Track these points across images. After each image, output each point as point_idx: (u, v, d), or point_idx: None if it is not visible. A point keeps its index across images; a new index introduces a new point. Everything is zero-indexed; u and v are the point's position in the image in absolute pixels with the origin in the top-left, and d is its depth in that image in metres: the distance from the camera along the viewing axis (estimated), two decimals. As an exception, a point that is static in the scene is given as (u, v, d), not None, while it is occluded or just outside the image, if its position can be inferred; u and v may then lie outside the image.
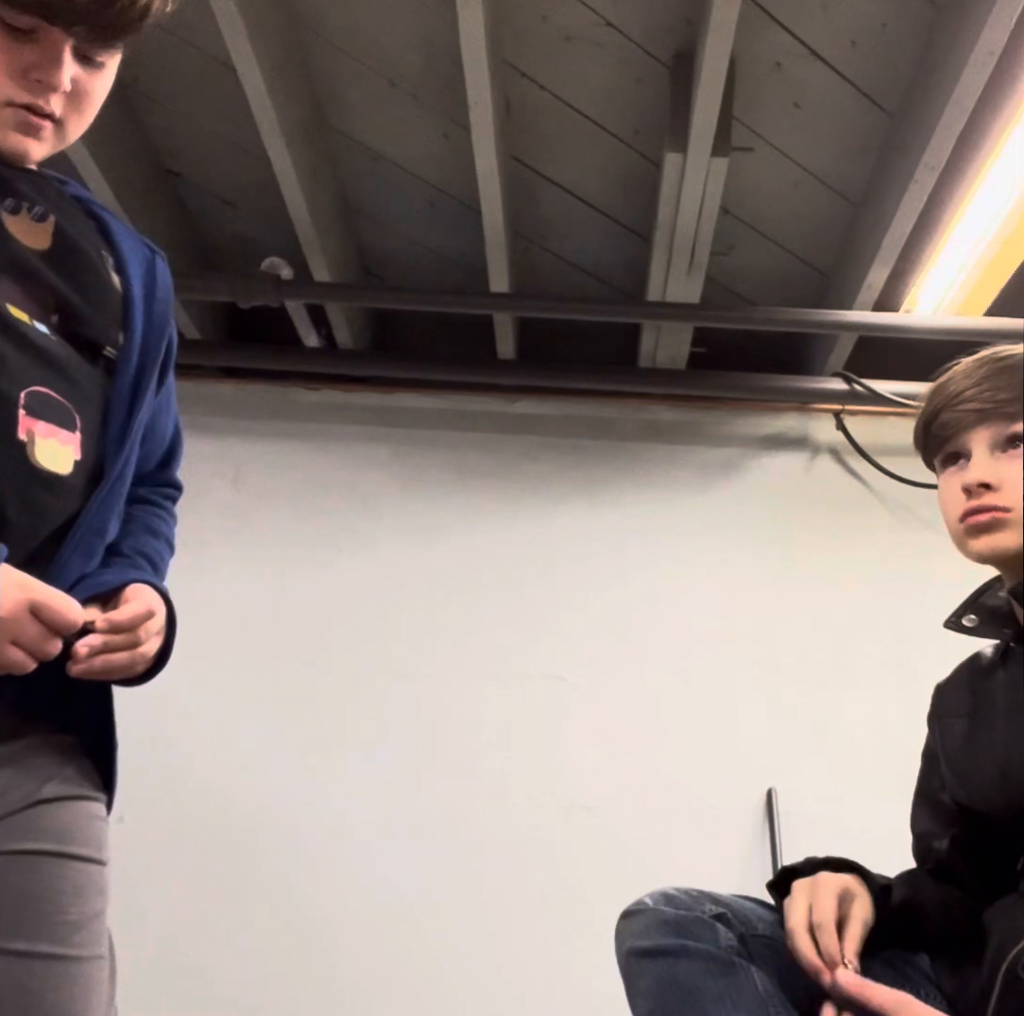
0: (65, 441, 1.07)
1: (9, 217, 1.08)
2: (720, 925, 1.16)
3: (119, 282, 1.18)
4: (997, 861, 1.19)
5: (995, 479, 1.18)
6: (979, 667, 1.29)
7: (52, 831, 1.06)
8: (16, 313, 1.05)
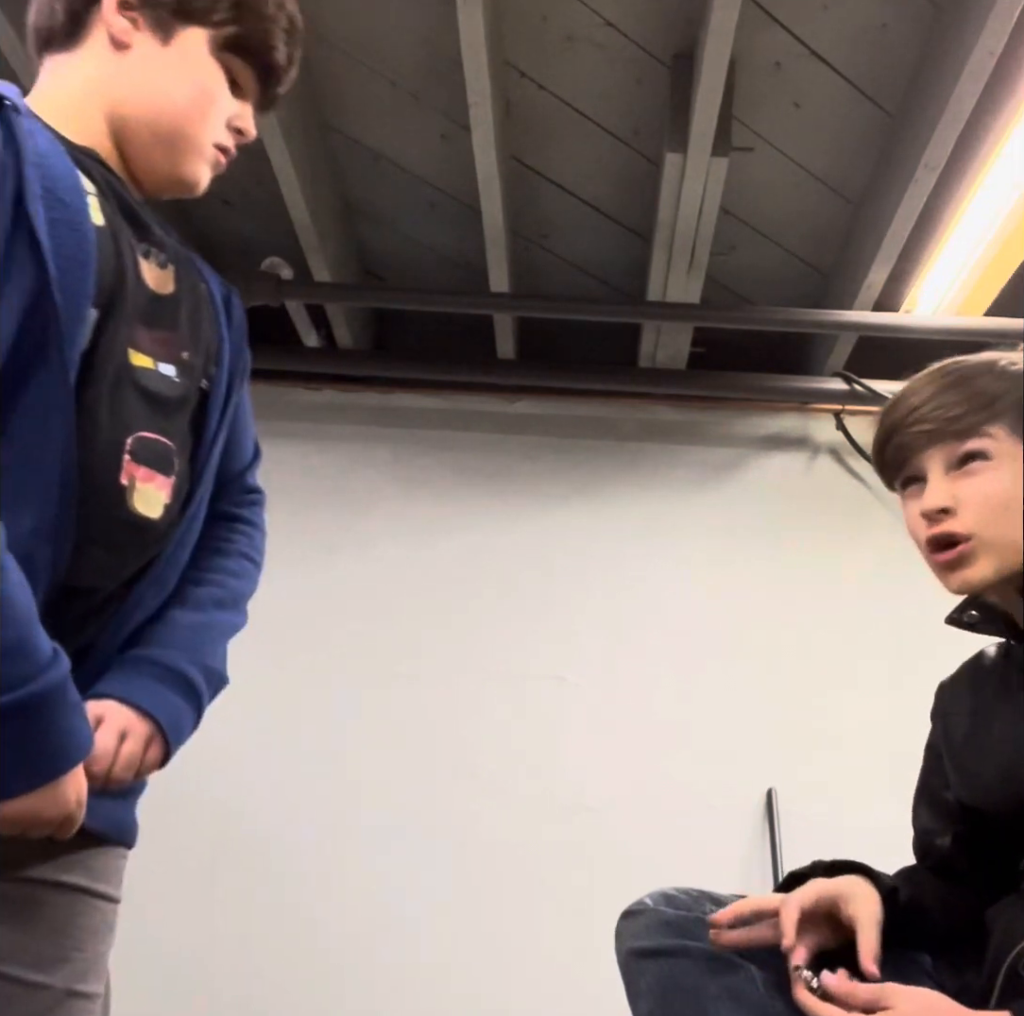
0: (161, 486, 1.10)
1: (142, 262, 1.12)
2: (720, 925, 1.16)
3: (214, 318, 1.24)
4: (999, 859, 1.19)
5: (952, 502, 1.14)
6: (982, 666, 1.28)
7: (83, 866, 1.08)
8: (138, 359, 1.08)
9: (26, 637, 0.90)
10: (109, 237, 1.05)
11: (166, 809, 1.89)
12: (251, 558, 1.30)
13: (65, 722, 0.93)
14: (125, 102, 1.15)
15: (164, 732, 1.07)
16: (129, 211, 1.13)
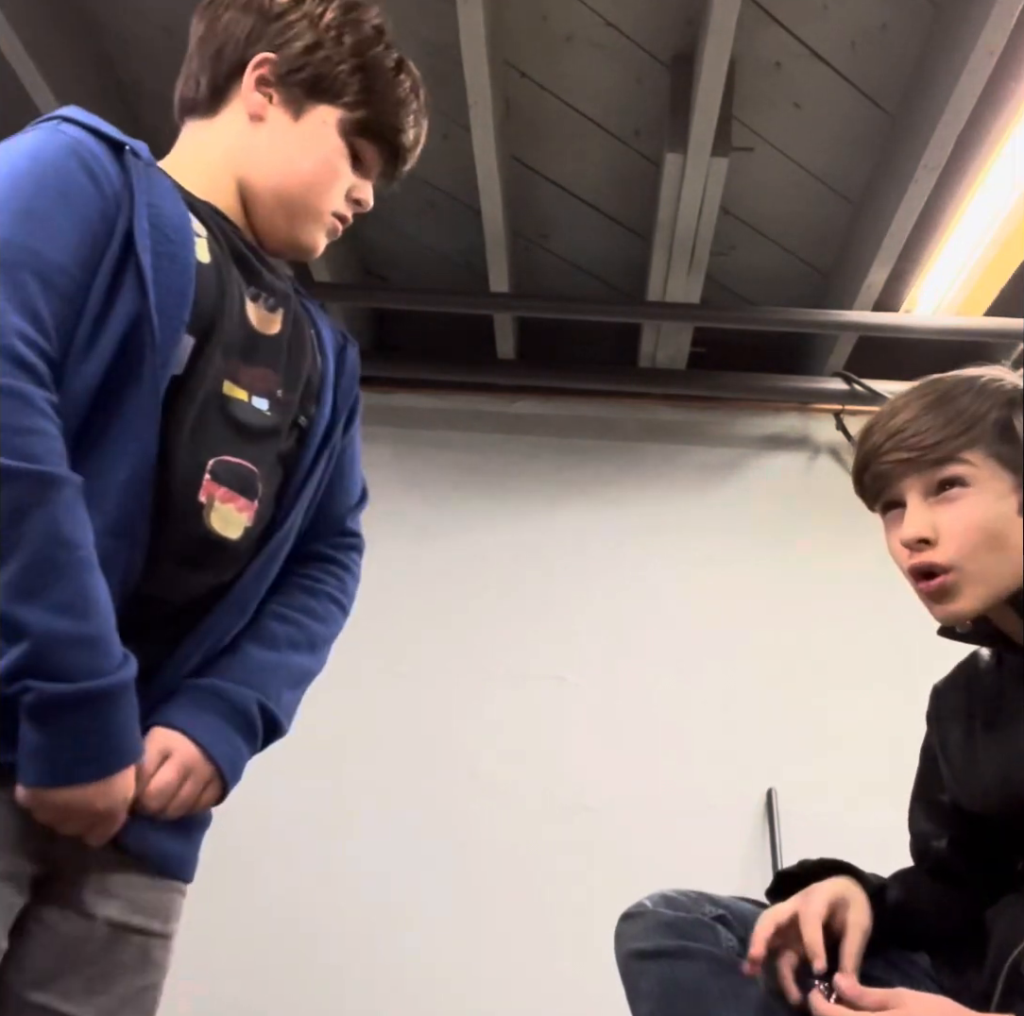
0: (242, 508, 1.12)
1: (251, 304, 1.18)
2: (720, 927, 1.16)
3: (320, 362, 1.28)
4: (996, 861, 1.19)
5: (931, 532, 1.12)
6: (977, 669, 1.28)
7: (129, 899, 1.08)
8: (233, 390, 1.13)
9: (107, 631, 0.96)
10: (213, 273, 1.12)
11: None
12: (338, 602, 1.30)
13: (129, 722, 0.97)
14: (255, 169, 1.23)
15: (224, 775, 1.08)
16: (241, 257, 1.20)
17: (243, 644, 1.16)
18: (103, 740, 0.95)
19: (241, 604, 1.16)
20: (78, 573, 0.94)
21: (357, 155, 1.30)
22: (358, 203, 1.34)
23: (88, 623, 0.94)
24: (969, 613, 1.14)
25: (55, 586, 0.92)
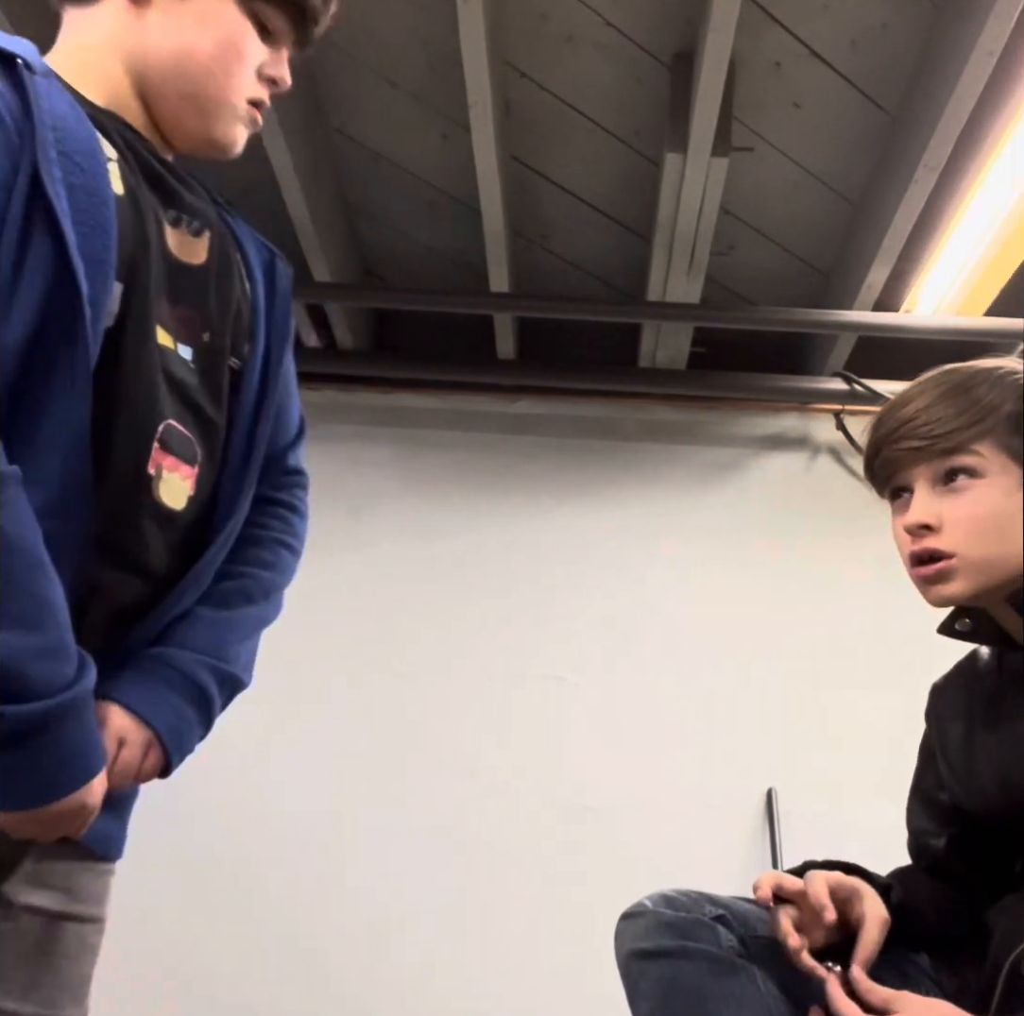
0: (185, 476, 1.05)
1: (171, 230, 1.07)
2: (720, 927, 1.16)
3: (248, 289, 1.16)
4: (994, 860, 1.19)
5: (935, 519, 1.14)
6: (976, 668, 1.28)
7: (66, 889, 1.05)
8: (162, 339, 1.03)
9: (65, 635, 0.89)
10: (129, 206, 1.00)
11: (163, 810, 1.90)
12: (287, 545, 1.23)
13: (88, 734, 0.92)
14: (148, 61, 1.09)
15: (163, 741, 1.03)
16: (155, 177, 1.07)
17: (195, 608, 1.10)
18: (81, 747, 0.91)
19: (204, 576, 1.10)
20: (29, 579, 0.86)
21: (263, 25, 1.12)
22: (274, 83, 1.15)
23: (47, 633, 0.87)
24: (960, 597, 1.14)
25: (7, 598, 0.85)
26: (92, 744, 0.92)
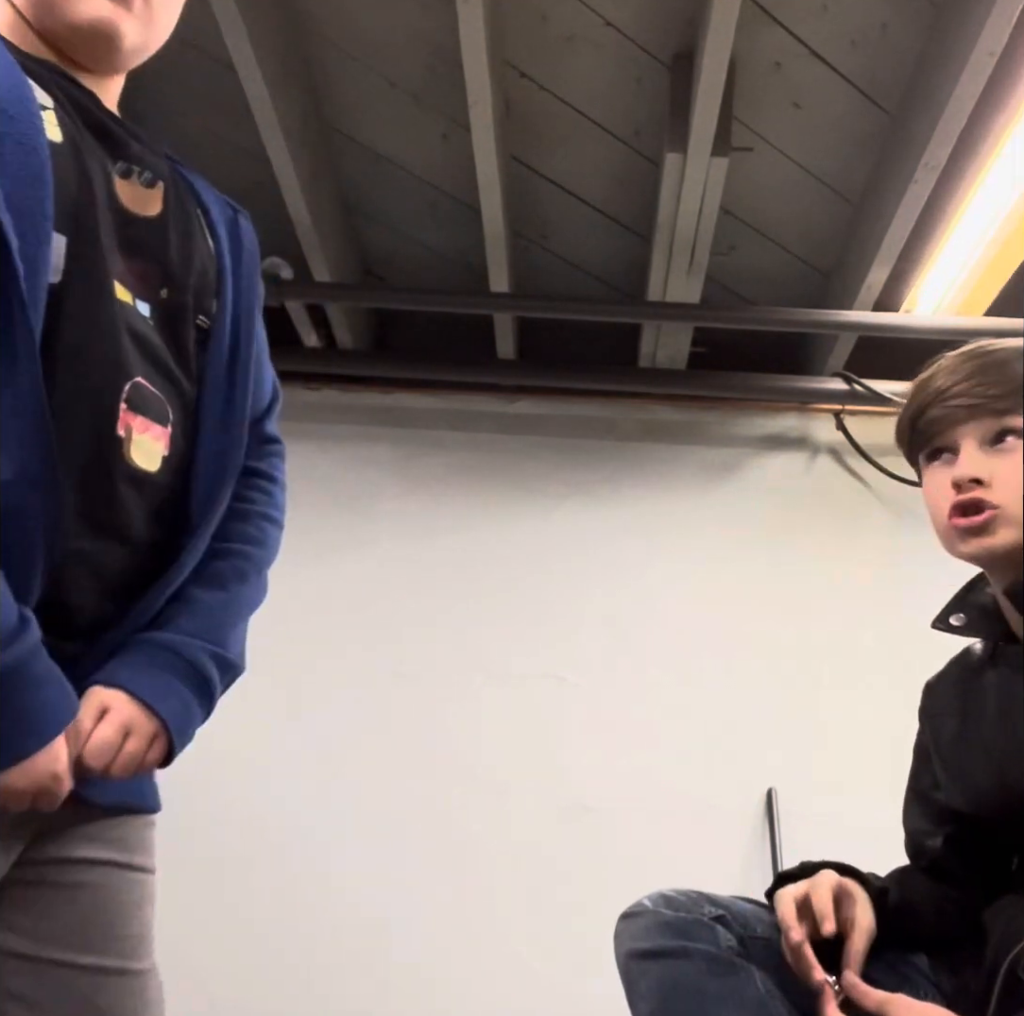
0: (157, 437, 1.01)
1: (120, 182, 1.02)
2: (720, 927, 1.16)
3: (212, 246, 1.12)
4: (991, 860, 1.19)
5: (986, 475, 1.16)
6: (969, 664, 1.28)
7: (117, 840, 1.05)
8: (121, 294, 0.98)
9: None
10: (69, 153, 0.95)
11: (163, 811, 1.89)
12: (272, 519, 1.22)
13: (32, 699, 0.88)
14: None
15: (169, 731, 1.02)
16: (100, 127, 1.02)
17: (189, 589, 1.08)
18: (18, 720, 0.87)
19: (202, 547, 1.08)
20: None
21: None
22: None
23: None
24: (1000, 549, 1.15)
25: None
26: (27, 722, 0.88)
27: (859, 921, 1.16)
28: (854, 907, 1.17)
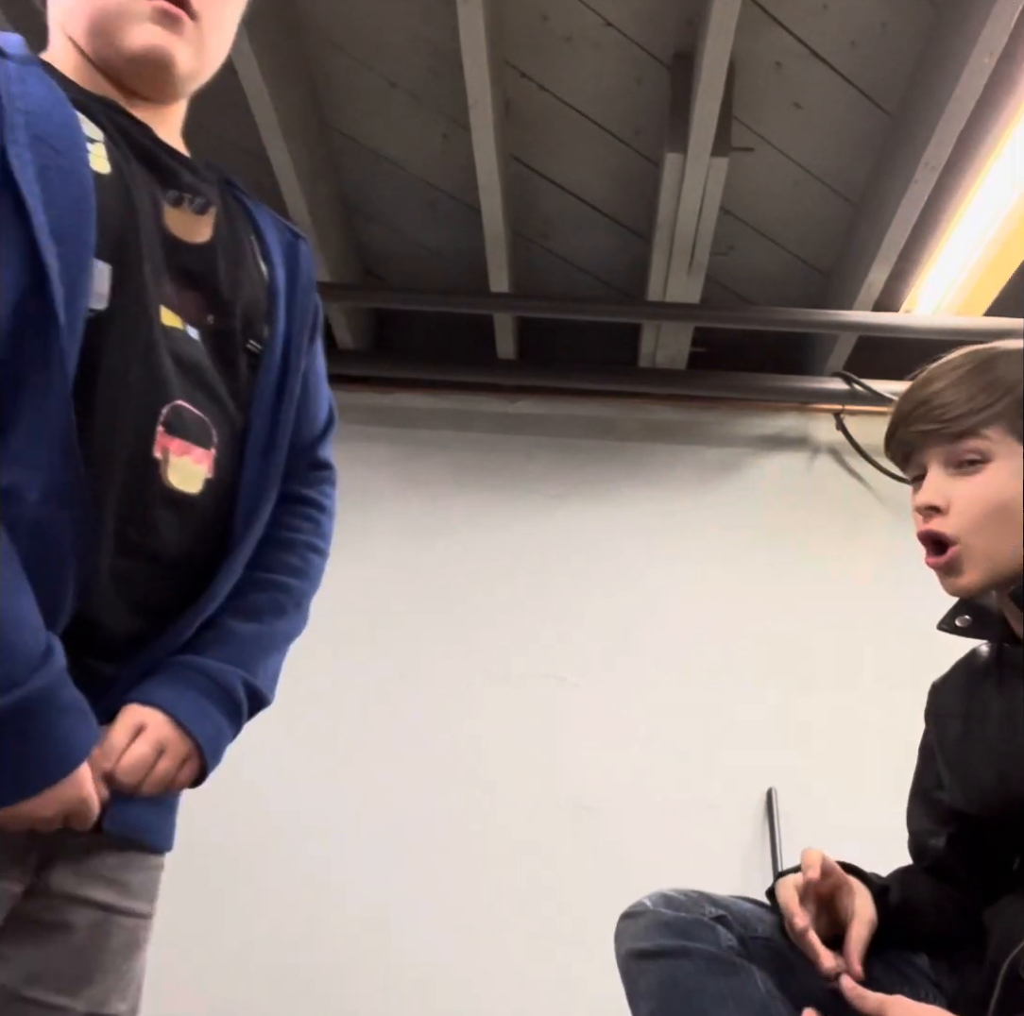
0: (199, 459, 1.02)
1: (171, 210, 1.04)
2: (720, 927, 1.16)
3: (266, 271, 1.13)
4: (994, 860, 1.19)
5: (943, 501, 1.14)
6: (975, 666, 1.28)
7: (119, 882, 1.05)
8: (168, 320, 1.01)
9: (8, 639, 0.85)
10: (116, 183, 0.97)
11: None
12: (317, 549, 1.21)
13: (56, 727, 0.88)
14: (65, 21, 1.08)
15: (202, 753, 1.03)
16: (149, 156, 1.04)
17: (224, 619, 1.08)
18: (40, 750, 0.87)
19: (238, 569, 1.08)
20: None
21: None
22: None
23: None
24: (974, 588, 1.15)
25: None
26: (48, 752, 0.88)
27: (859, 911, 1.16)
28: (853, 898, 1.18)
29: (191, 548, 1.04)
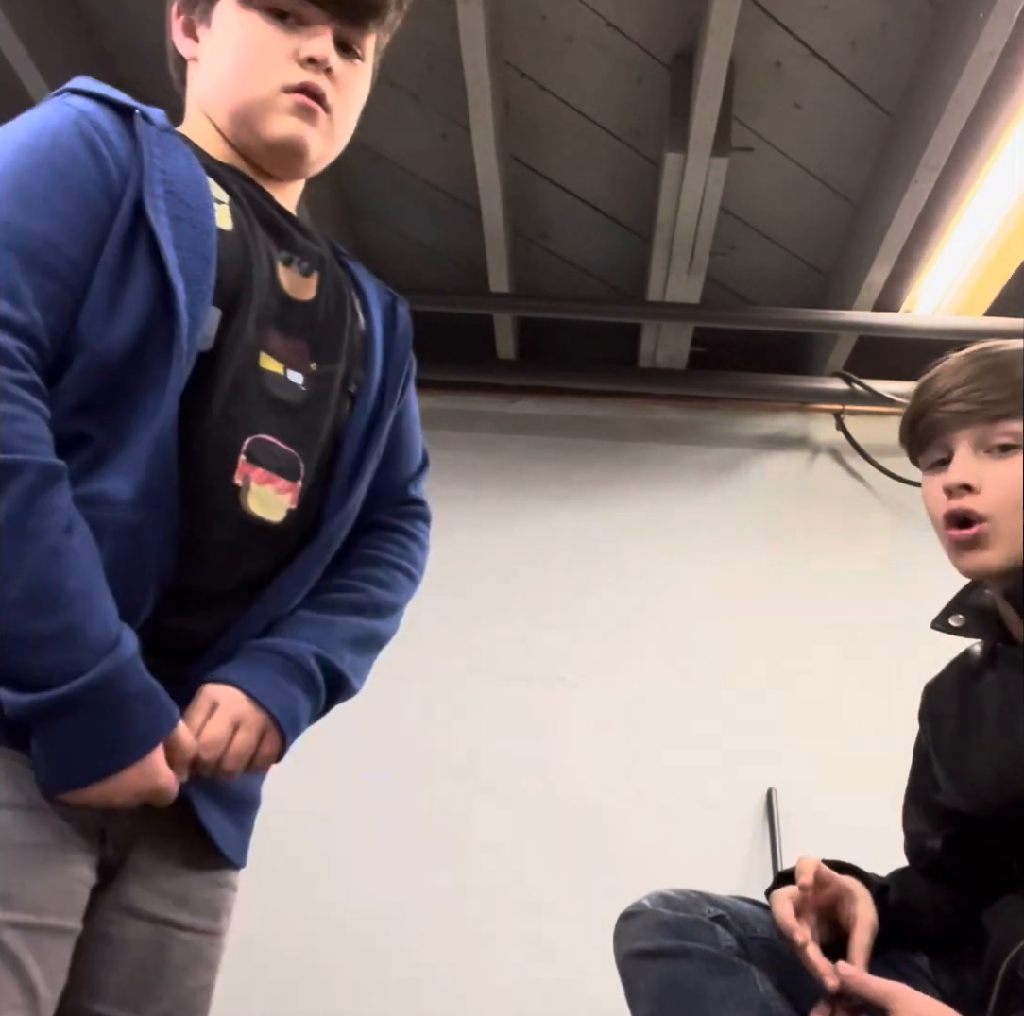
0: (283, 490, 1.08)
1: (283, 269, 1.14)
2: (719, 927, 1.16)
3: (364, 324, 1.24)
4: (991, 861, 1.19)
5: (976, 481, 1.15)
6: (968, 666, 1.28)
7: (181, 897, 1.06)
8: (268, 364, 1.09)
9: (82, 619, 0.90)
10: (237, 240, 1.08)
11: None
12: (403, 569, 1.29)
13: (124, 714, 0.92)
14: (208, 102, 1.18)
15: (279, 725, 1.04)
16: (269, 220, 1.15)
17: (299, 611, 1.13)
18: (104, 737, 0.91)
19: (289, 590, 1.12)
20: (37, 563, 0.89)
21: (276, 11, 1.14)
22: (312, 61, 1.13)
23: (55, 616, 0.89)
24: (993, 567, 1.15)
25: (9, 582, 0.88)
26: (121, 735, 0.91)
27: (861, 916, 1.16)
28: (855, 904, 1.17)
29: (266, 568, 1.09)
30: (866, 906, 1.17)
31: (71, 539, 0.91)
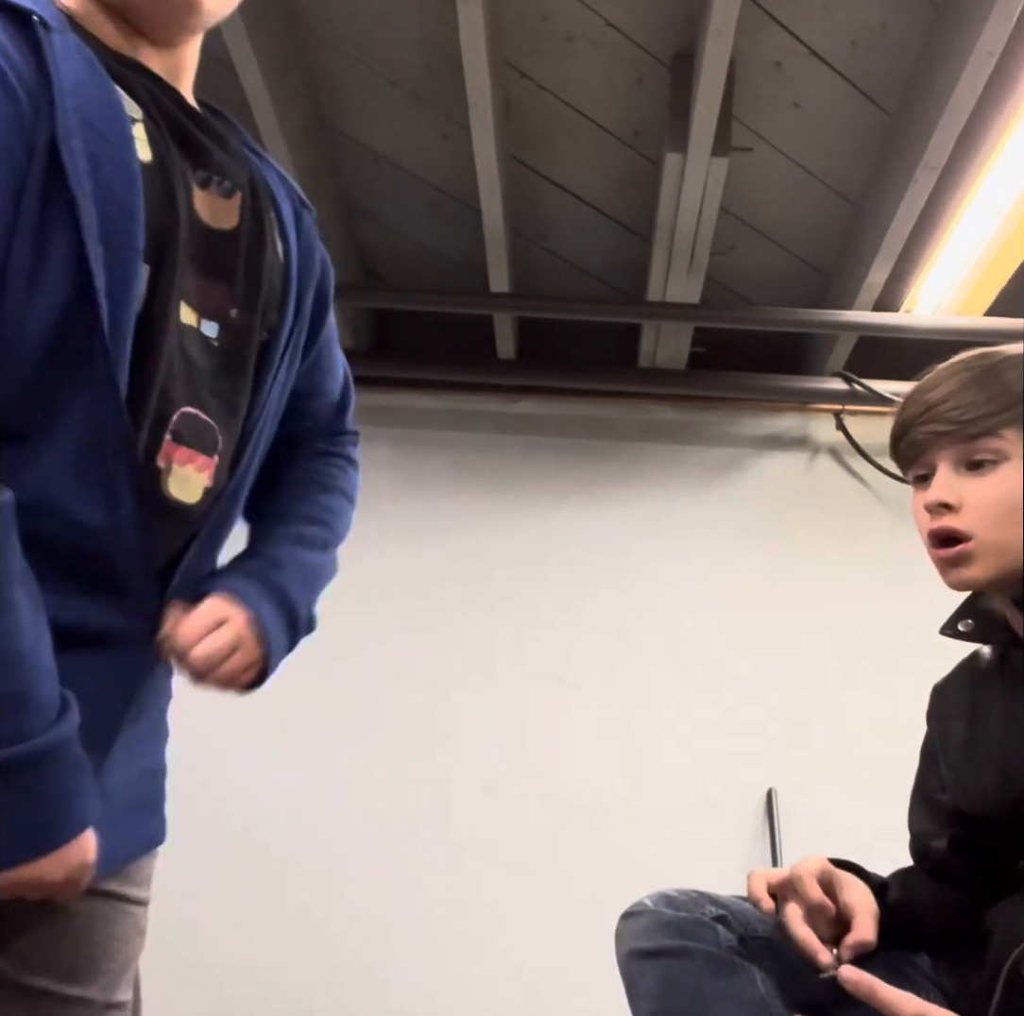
0: (201, 467, 0.98)
1: (199, 193, 0.97)
2: (720, 926, 1.16)
3: (282, 252, 1.07)
4: (996, 862, 1.18)
5: (956, 499, 1.15)
6: (977, 668, 1.28)
7: (118, 870, 1.02)
8: (186, 316, 0.95)
9: (33, 683, 0.81)
10: (157, 174, 0.92)
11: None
12: (349, 496, 1.28)
13: (72, 781, 0.84)
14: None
15: (267, 663, 1.05)
16: (183, 133, 0.98)
17: (288, 547, 1.13)
18: (41, 811, 0.82)
19: (200, 563, 1.03)
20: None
21: None
22: None
23: (7, 679, 0.79)
24: (980, 582, 1.15)
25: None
26: (58, 810, 0.83)
27: (859, 903, 1.16)
28: (850, 891, 1.17)
29: (181, 553, 1.01)
30: (861, 894, 1.17)
31: (17, 587, 0.81)
